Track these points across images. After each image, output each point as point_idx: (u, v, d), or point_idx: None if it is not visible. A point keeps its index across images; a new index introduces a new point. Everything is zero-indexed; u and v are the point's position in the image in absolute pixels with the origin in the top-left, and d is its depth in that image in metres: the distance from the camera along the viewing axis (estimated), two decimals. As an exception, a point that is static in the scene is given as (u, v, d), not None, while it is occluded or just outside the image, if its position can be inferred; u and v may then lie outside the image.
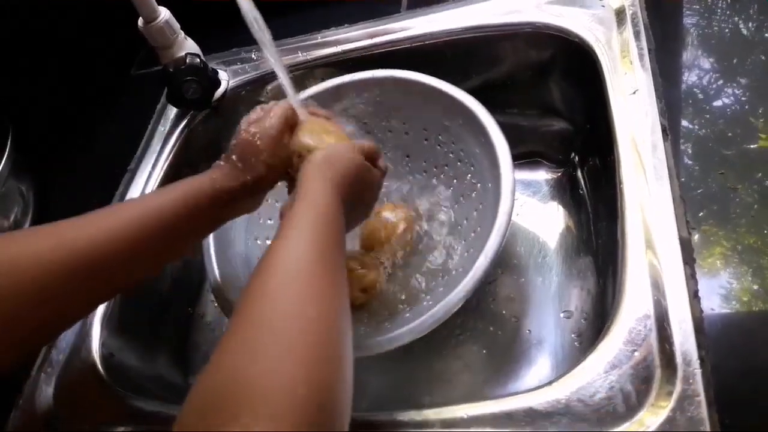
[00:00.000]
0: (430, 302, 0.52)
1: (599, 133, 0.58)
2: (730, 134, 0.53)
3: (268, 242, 0.66)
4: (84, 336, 0.58)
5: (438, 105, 0.63)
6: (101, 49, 0.88)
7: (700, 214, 0.49)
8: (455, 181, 0.66)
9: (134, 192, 0.68)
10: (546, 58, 0.68)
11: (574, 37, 0.63)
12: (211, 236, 0.59)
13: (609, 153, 0.54)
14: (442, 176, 0.67)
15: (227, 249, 0.61)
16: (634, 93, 0.55)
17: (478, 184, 0.61)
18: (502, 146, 0.56)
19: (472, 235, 0.60)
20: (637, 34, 0.60)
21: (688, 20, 0.64)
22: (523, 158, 0.74)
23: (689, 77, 0.59)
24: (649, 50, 0.58)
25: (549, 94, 0.71)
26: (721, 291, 0.45)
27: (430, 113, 0.65)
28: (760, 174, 0.50)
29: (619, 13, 0.62)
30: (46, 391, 0.55)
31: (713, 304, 0.44)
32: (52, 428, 0.53)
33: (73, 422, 0.52)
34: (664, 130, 0.52)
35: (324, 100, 0.66)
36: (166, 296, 0.68)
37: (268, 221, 0.67)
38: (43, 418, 0.53)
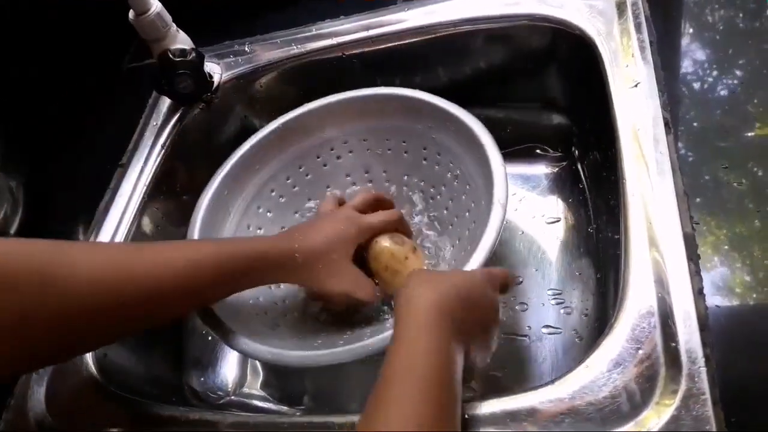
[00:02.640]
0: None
1: (600, 127, 0.58)
2: (725, 125, 0.52)
3: (259, 232, 0.65)
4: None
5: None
6: (92, 43, 0.87)
7: (694, 203, 0.48)
8: (451, 201, 0.65)
9: (127, 187, 0.66)
10: (546, 50, 0.66)
11: (575, 29, 0.62)
12: (199, 218, 0.60)
13: (610, 147, 0.53)
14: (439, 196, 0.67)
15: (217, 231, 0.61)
16: (636, 86, 0.54)
17: (472, 203, 0.60)
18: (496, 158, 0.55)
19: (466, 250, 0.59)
20: (638, 26, 0.59)
21: (685, 10, 0.63)
22: (522, 152, 0.73)
23: (685, 68, 0.58)
24: (651, 42, 0.57)
25: (549, 87, 0.70)
26: (716, 283, 0.44)
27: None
28: (751, 163, 0.50)
29: (620, 5, 0.61)
30: (38, 392, 0.54)
31: (708, 296, 0.43)
32: (44, 431, 0.52)
33: (65, 424, 0.51)
34: (666, 124, 0.51)
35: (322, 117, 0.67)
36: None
37: (268, 213, 0.66)
38: (35, 421, 0.52)
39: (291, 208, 0.68)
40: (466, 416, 0.41)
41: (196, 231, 0.59)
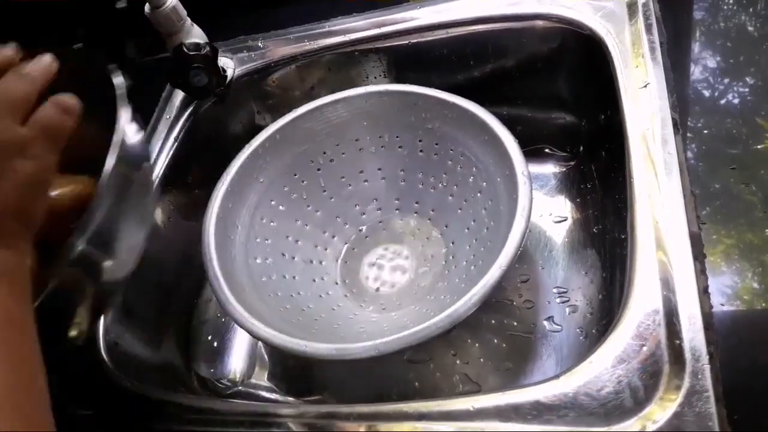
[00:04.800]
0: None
1: (609, 127, 0.58)
2: (735, 132, 0.53)
3: (269, 261, 0.64)
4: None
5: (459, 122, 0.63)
6: (106, 36, 0.88)
7: (704, 212, 0.48)
8: (465, 201, 0.65)
9: (139, 179, 0.67)
10: (556, 50, 0.67)
11: (585, 29, 0.62)
12: (212, 240, 0.58)
13: (618, 147, 0.54)
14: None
15: (230, 267, 0.59)
16: (645, 86, 0.55)
17: (490, 201, 0.61)
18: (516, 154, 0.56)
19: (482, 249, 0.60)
20: (648, 27, 0.59)
21: (696, 15, 0.63)
22: (530, 151, 0.73)
23: (695, 74, 0.59)
24: (661, 43, 0.58)
25: (558, 87, 0.71)
26: (723, 289, 0.44)
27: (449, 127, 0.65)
28: (762, 171, 0.50)
29: (631, 6, 0.62)
30: (50, 378, 0.54)
31: (715, 300, 0.43)
32: (55, 415, 0.53)
33: (76, 410, 0.52)
34: (675, 125, 0.51)
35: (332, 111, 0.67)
36: (170, 286, 0.68)
37: (272, 223, 0.66)
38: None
39: (292, 217, 0.68)
40: (471, 408, 0.42)
41: (212, 251, 0.57)
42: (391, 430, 0.43)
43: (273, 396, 0.65)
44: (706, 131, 0.54)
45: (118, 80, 0.47)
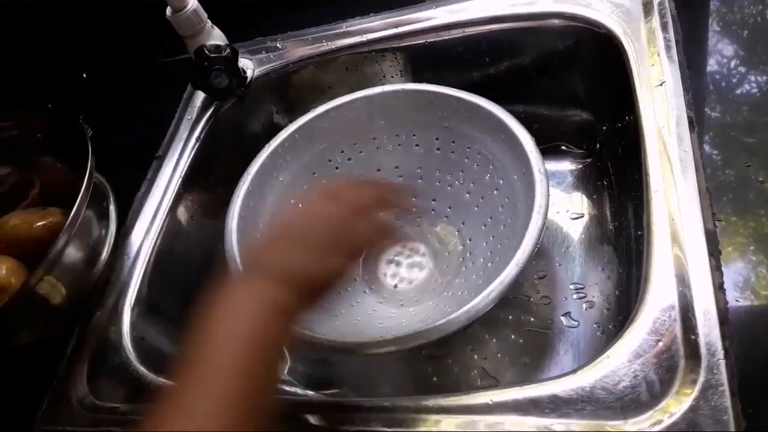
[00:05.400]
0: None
1: (625, 125, 0.58)
2: (752, 122, 0.53)
3: None
4: (114, 318, 0.59)
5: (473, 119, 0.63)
6: (128, 38, 0.89)
7: (720, 202, 0.48)
8: (482, 199, 0.66)
9: (163, 178, 0.69)
10: (571, 49, 0.67)
11: (601, 28, 0.63)
12: (237, 253, 0.59)
13: (635, 144, 0.54)
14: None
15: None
16: (661, 84, 0.55)
17: (507, 199, 0.61)
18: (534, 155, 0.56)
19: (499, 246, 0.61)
20: (664, 25, 0.59)
21: (711, 6, 0.63)
22: (547, 148, 0.73)
23: (712, 65, 0.58)
24: (677, 41, 0.58)
25: (574, 85, 0.71)
26: (738, 283, 0.45)
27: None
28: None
29: (647, 4, 0.62)
30: (80, 373, 0.56)
31: (730, 294, 0.44)
32: (85, 410, 0.54)
33: (106, 403, 0.54)
34: (690, 122, 0.52)
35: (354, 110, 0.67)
36: (194, 281, 0.69)
37: None
38: (77, 400, 0.55)
39: None
40: (490, 402, 0.43)
41: (234, 249, 0.59)
42: (411, 423, 0.44)
43: (293, 390, 0.66)
44: (722, 121, 0.54)
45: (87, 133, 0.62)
